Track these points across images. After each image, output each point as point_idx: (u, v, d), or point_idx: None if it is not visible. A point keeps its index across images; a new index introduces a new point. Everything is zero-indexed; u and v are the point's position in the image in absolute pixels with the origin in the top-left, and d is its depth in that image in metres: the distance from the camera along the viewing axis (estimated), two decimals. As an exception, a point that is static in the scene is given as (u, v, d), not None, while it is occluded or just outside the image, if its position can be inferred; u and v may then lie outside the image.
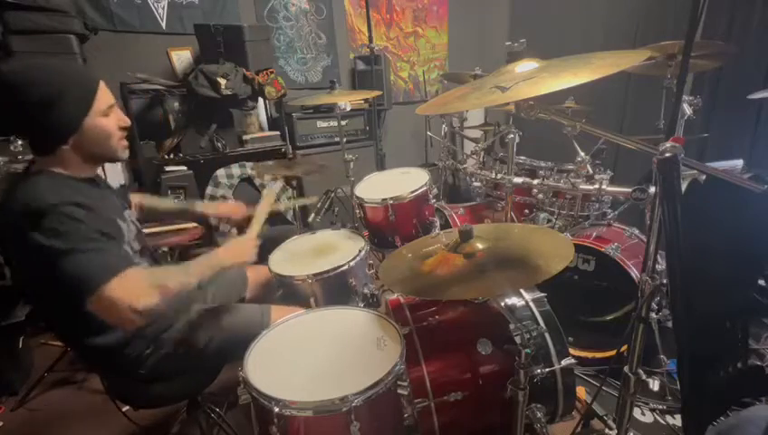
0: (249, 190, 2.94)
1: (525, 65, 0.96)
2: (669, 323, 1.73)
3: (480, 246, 1.02)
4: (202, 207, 1.58)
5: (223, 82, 2.56)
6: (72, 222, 0.94)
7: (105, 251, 0.96)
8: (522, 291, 1.36)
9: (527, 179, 2.08)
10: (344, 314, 1.28)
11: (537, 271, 0.92)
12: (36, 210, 0.93)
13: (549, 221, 2.16)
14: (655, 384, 1.62)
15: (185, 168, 2.62)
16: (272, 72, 2.78)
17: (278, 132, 3.05)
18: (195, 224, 1.85)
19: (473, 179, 2.46)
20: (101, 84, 1.08)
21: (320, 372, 1.04)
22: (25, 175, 1.06)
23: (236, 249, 1.27)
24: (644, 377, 1.08)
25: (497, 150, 2.66)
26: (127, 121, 1.15)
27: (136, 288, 0.95)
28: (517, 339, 0.99)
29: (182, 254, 2.17)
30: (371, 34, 2.55)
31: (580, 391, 1.66)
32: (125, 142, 1.16)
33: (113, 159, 1.16)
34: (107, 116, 1.09)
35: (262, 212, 1.49)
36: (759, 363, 1.37)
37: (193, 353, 1.21)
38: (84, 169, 1.11)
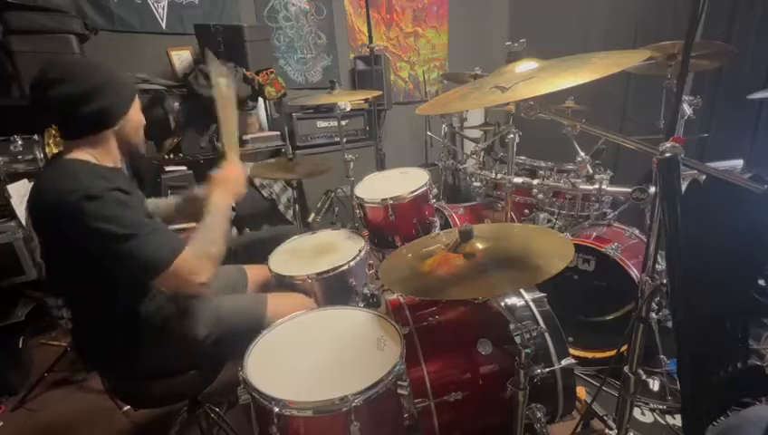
0: (249, 190, 2.92)
1: (525, 65, 0.96)
2: (669, 323, 1.73)
3: (480, 246, 1.02)
4: (202, 191, 1.47)
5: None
6: (122, 207, 1.01)
7: (159, 231, 1.05)
8: (522, 291, 1.36)
9: (527, 179, 2.08)
10: (344, 314, 1.28)
11: (537, 271, 0.91)
12: (88, 196, 0.98)
13: (549, 221, 2.16)
14: (655, 384, 1.62)
15: (185, 168, 2.61)
16: (272, 72, 2.78)
17: (278, 132, 3.04)
18: (196, 224, 1.86)
19: (473, 179, 2.46)
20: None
21: (320, 372, 1.04)
22: (57, 163, 1.10)
23: (226, 185, 1.31)
24: (644, 377, 1.09)
25: (497, 150, 2.66)
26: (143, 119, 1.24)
27: (196, 262, 1.06)
28: (517, 339, 0.99)
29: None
30: (371, 34, 2.55)
31: (580, 391, 1.66)
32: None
33: (138, 151, 1.22)
34: (138, 111, 1.20)
35: (228, 119, 1.44)
36: (759, 363, 1.37)
37: (193, 345, 1.21)
38: (113, 158, 1.17)
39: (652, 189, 1.52)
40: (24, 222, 1.84)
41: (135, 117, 1.18)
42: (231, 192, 1.30)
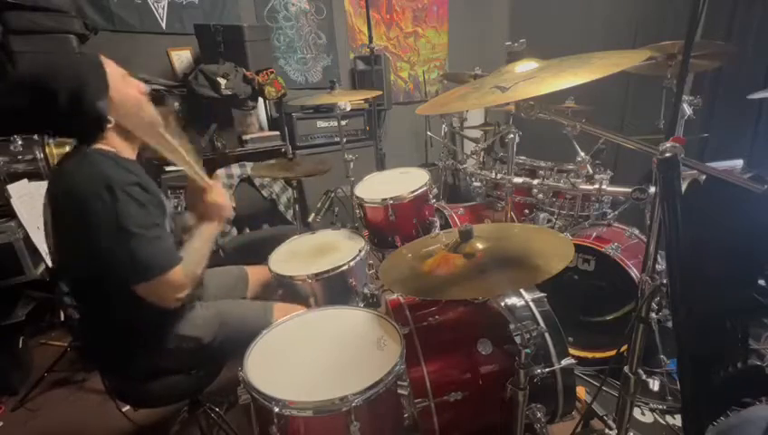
0: (249, 190, 2.94)
1: (525, 65, 0.96)
2: (669, 323, 1.73)
3: (480, 246, 1.02)
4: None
5: (223, 82, 2.56)
6: (136, 205, 1.01)
7: (162, 240, 1.06)
8: (522, 291, 1.36)
9: (527, 179, 2.07)
10: (344, 314, 1.28)
11: (537, 271, 0.92)
12: (107, 187, 0.97)
13: (549, 221, 2.16)
14: (655, 384, 1.62)
15: (185, 167, 2.61)
16: (272, 72, 2.78)
17: (278, 132, 3.04)
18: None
19: (473, 179, 2.46)
20: (103, 58, 1.10)
21: (320, 372, 1.04)
22: (81, 153, 1.07)
23: (215, 209, 1.28)
24: (644, 377, 1.09)
25: (497, 150, 2.66)
26: (144, 87, 1.17)
27: (181, 280, 1.07)
28: (517, 339, 0.99)
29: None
30: (371, 34, 2.55)
31: (580, 391, 1.66)
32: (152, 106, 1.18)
33: (157, 125, 1.17)
34: (127, 86, 1.12)
35: (178, 151, 1.24)
36: (759, 363, 1.37)
37: (197, 350, 1.21)
38: (128, 150, 1.15)
39: (652, 189, 1.52)
40: (23, 222, 1.84)
41: (124, 93, 1.09)
42: (220, 216, 1.28)
